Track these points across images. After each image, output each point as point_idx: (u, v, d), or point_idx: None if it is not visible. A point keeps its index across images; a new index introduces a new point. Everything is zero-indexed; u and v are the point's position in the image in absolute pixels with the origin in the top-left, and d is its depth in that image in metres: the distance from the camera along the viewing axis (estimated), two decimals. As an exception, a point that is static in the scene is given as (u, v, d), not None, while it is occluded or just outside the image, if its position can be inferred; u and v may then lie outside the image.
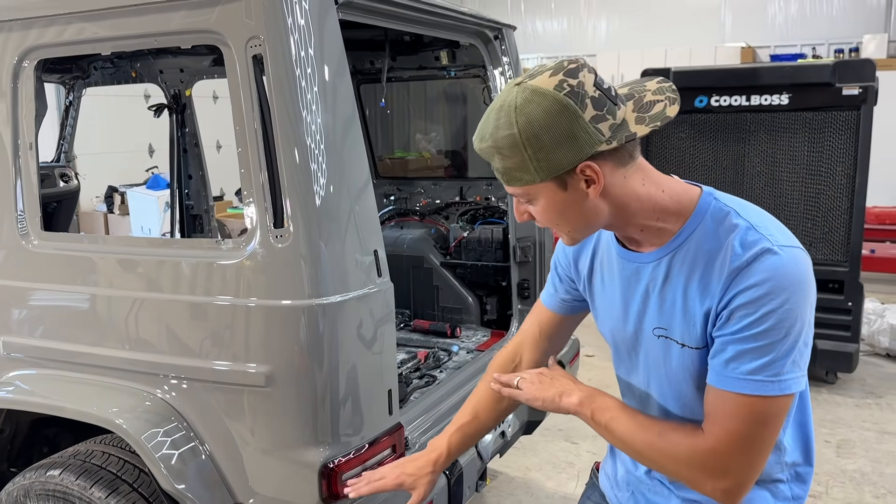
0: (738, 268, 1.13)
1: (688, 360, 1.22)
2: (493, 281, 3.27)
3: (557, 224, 1.23)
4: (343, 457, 1.86)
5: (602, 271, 1.38)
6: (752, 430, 1.14)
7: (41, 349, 2.14)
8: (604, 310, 1.39)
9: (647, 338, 1.29)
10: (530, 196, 1.19)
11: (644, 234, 1.24)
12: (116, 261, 2.03)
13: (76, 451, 2.13)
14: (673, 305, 1.22)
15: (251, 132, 1.81)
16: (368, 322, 1.92)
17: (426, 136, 4.50)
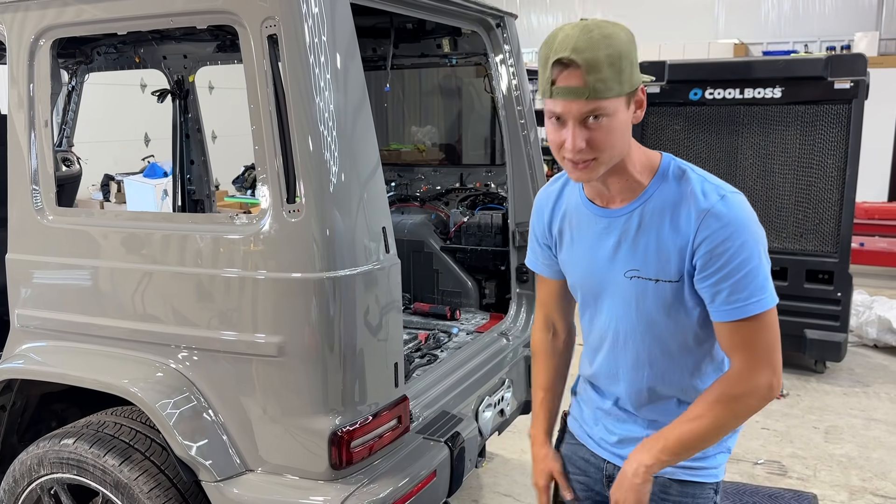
0: (703, 209, 1.35)
1: (661, 292, 1.42)
2: (492, 265, 3.33)
3: (611, 147, 1.34)
4: (351, 425, 1.92)
5: (571, 230, 1.55)
6: (769, 338, 1.38)
7: (55, 321, 2.19)
8: (572, 264, 1.57)
9: (615, 282, 1.48)
10: (606, 112, 1.30)
11: (622, 185, 1.43)
12: (130, 235, 2.08)
13: (89, 421, 2.18)
14: (646, 249, 1.42)
15: (266, 112, 1.87)
16: (376, 297, 1.98)
17: (421, 128, 4.55)
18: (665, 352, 1.49)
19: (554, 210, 1.60)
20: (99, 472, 2.05)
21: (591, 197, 1.50)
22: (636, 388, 1.54)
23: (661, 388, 1.52)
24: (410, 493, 2.00)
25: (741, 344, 1.39)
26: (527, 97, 3.11)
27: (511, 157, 3.06)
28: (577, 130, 1.31)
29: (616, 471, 1.56)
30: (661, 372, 1.50)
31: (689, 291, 1.41)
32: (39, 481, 2.17)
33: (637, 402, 1.55)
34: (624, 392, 1.56)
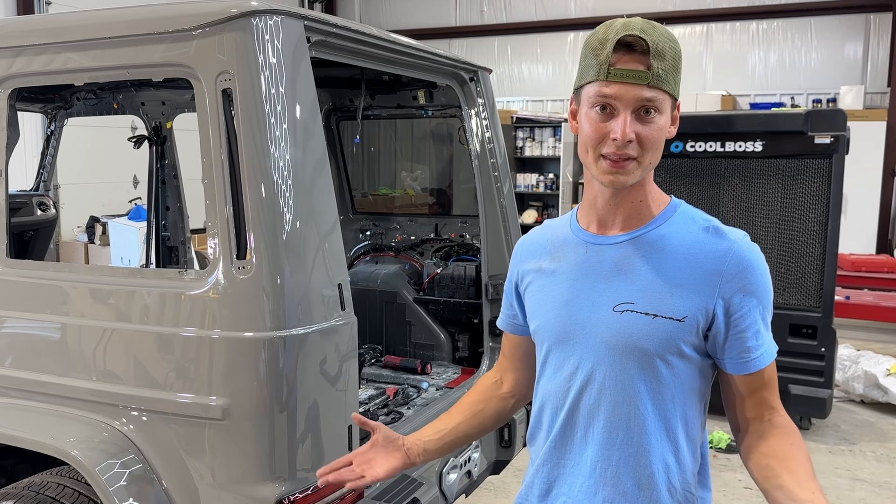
0: (734, 244, 1.26)
1: (658, 330, 1.25)
2: (465, 318, 3.27)
3: (655, 150, 1.24)
4: (300, 493, 1.84)
5: (554, 264, 1.38)
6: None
7: (2, 377, 2.11)
8: (548, 301, 1.38)
9: (598, 319, 1.29)
10: (661, 106, 1.22)
11: (632, 209, 1.30)
12: (81, 290, 2.02)
13: (31, 482, 2.09)
14: (647, 281, 1.27)
15: (217, 164, 1.83)
16: (331, 356, 1.91)
17: (411, 174, 4.54)
18: (647, 410, 1.27)
19: (532, 252, 1.45)
20: (36, 538, 1.95)
21: (585, 225, 1.36)
22: (602, 459, 1.30)
23: (632, 459, 1.29)
24: (362, 565, 1.91)
25: (768, 390, 1.29)
26: (500, 149, 3.09)
27: (484, 209, 3.03)
28: (630, 120, 1.20)
29: None
30: (638, 437, 1.28)
31: (693, 335, 1.25)
32: (-25, 546, 2.07)
33: (597, 481, 1.31)
34: (586, 467, 1.32)
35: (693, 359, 1.27)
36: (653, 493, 1.29)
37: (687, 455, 1.30)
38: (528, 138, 10.09)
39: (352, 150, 3.94)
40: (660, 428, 1.28)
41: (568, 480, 1.36)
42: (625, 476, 1.29)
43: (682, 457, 1.30)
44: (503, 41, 11.77)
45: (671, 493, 1.30)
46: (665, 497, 1.29)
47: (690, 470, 1.31)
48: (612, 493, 1.30)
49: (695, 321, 1.24)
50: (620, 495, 1.30)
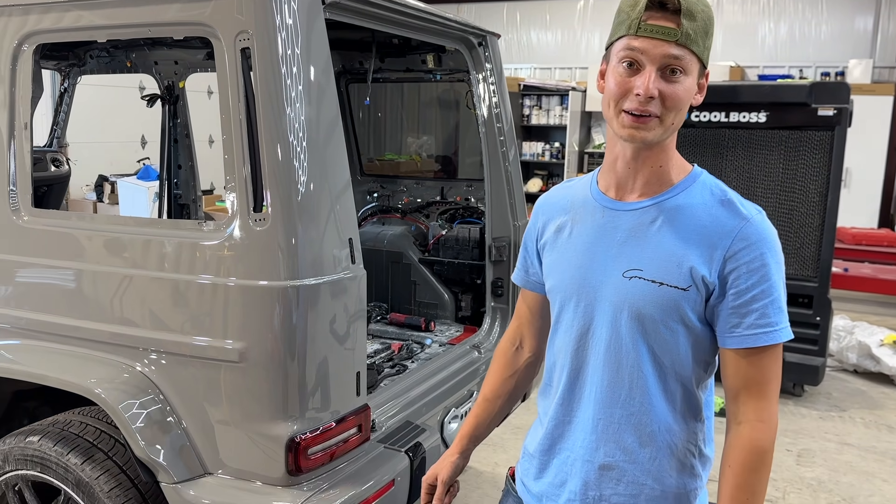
0: (743, 220, 1.27)
1: (662, 298, 1.28)
2: (468, 278, 3.37)
3: (679, 111, 1.26)
4: (310, 432, 1.95)
5: (571, 226, 1.42)
6: (779, 372, 1.30)
7: (28, 321, 2.22)
8: (563, 262, 1.42)
9: (610, 283, 1.33)
10: (687, 67, 1.24)
11: (652, 174, 1.33)
12: (103, 238, 2.12)
13: (55, 420, 2.21)
14: (657, 249, 1.30)
15: (236, 122, 1.91)
16: (340, 307, 2.02)
17: (417, 139, 4.60)
18: (649, 372, 1.32)
19: (553, 211, 1.49)
20: (61, 471, 2.08)
21: (604, 189, 1.39)
22: (604, 417, 1.36)
23: (633, 418, 1.34)
24: (367, 500, 2.03)
25: (757, 379, 1.27)
26: (507, 114, 3.16)
27: (489, 173, 3.11)
28: (654, 77, 1.23)
29: None
30: (640, 397, 1.33)
31: (696, 305, 1.28)
32: (4, 477, 2.20)
33: (599, 437, 1.37)
34: (588, 423, 1.38)
35: (695, 327, 1.31)
36: (653, 450, 1.34)
37: (687, 416, 1.36)
38: (535, 106, 10.09)
39: (360, 115, 4.01)
40: (661, 389, 1.33)
41: (571, 436, 1.41)
42: (626, 433, 1.35)
43: (682, 417, 1.35)
44: (512, 7, 11.70)
45: (672, 451, 1.35)
46: (666, 454, 1.35)
47: (691, 429, 1.36)
48: (614, 449, 1.36)
49: (698, 291, 1.27)
50: (621, 451, 1.35)
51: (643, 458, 1.35)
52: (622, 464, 1.36)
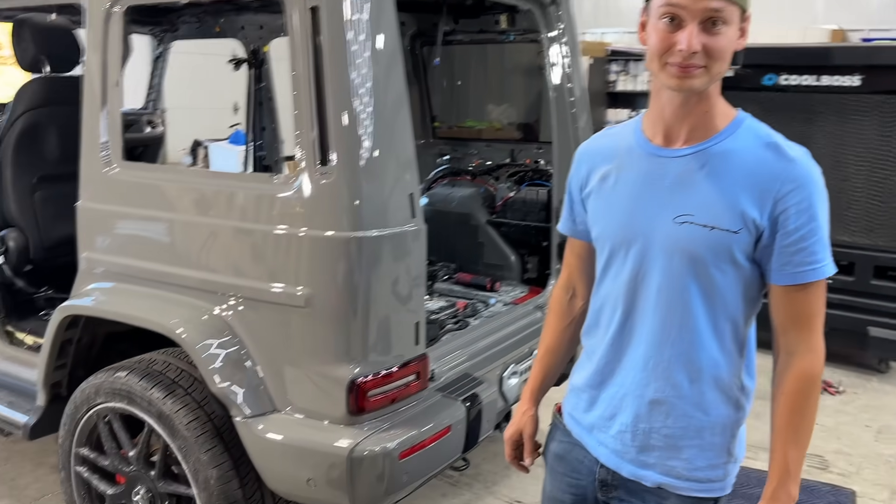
0: (791, 162, 1.31)
1: (714, 241, 1.33)
2: (534, 240, 3.40)
3: (722, 60, 1.29)
4: (370, 376, 2.06)
5: (617, 173, 1.46)
6: (824, 306, 1.36)
7: (116, 265, 2.42)
8: (610, 210, 1.46)
9: (660, 229, 1.37)
10: (728, 18, 1.27)
11: (699, 121, 1.36)
12: (185, 189, 2.27)
13: (141, 358, 2.41)
14: (707, 194, 1.34)
15: (305, 81, 2.00)
16: (401, 259, 2.10)
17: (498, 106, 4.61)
18: (700, 312, 1.37)
19: (596, 159, 1.51)
20: (145, 404, 2.27)
21: (650, 136, 1.42)
22: (654, 355, 1.41)
23: (683, 356, 1.39)
24: (423, 443, 2.13)
25: (806, 313, 1.35)
26: (578, 75, 3.14)
27: (557, 136, 3.11)
28: (697, 31, 1.26)
29: (610, 475, 1.49)
30: (689, 336, 1.38)
31: (746, 246, 1.33)
32: (96, 408, 2.42)
33: (649, 374, 1.42)
34: (639, 361, 1.43)
35: (745, 267, 1.35)
36: (701, 385, 1.40)
37: (734, 352, 1.41)
38: (622, 72, 9.83)
39: (443, 84, 4.06)
40: (710, 328, 1.38)
41: (622, 373, 1.47)
42: (675, 371, 1.40)
43: (729, 353, 1.40)
44: (600, -30, 11.40)
45: (718, 385, 1.41)
46: (713, 388, 1.40)
47: (737, 364, 1.42)
48: (664, 385, 1.41)
49: (748, 233, 1.32)
50: (671, 387, 1.41)
51: (691, 392, 1.41)
52: (671, 399, 1.42)
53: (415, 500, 3.23)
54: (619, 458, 1.48)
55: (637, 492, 1.47)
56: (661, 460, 1.44)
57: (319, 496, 2.08)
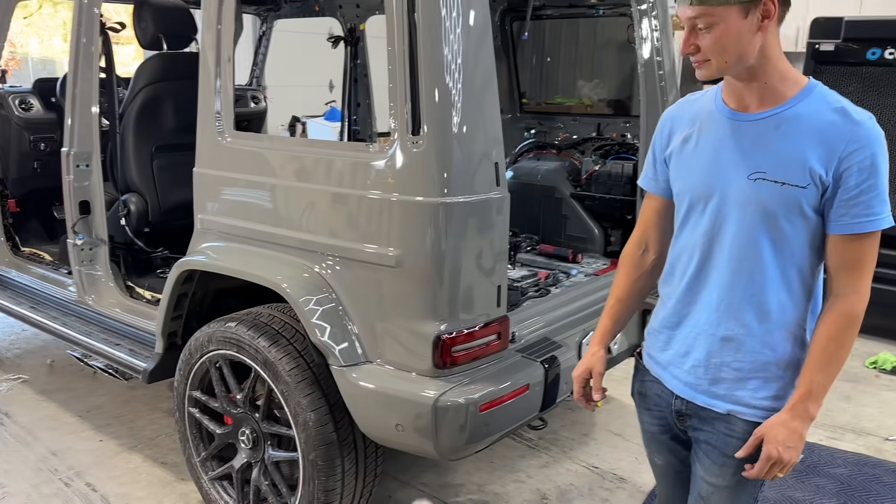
0: (855, 124, 1.44)
1: (785, 196, 1.49)
2: (618, 214, 3.45)
3: (723, 52, 1.47)
4: (454, 333, 2.20)
5: (698, 135, 1.63)
6: (875, 257, 1.52)
7: (228, 226, 2.65)
8: (690, 167, 1.63)
9: (735, 184, 1.54)
10: (712, 20, 1.44)
11: (761, 91, 1.52)
12: (289, 157, 2.47)
13: (249, 311, 2.64)
14: (779, 153, 1.49)
15: (399, 55, 2.14)
16: (485, 223, 2.23)
17: (588, 82, 4.65)
18: (769, 260, 1.53)
19: (679, 122, 1.69)
20: (252, 351, 2.50)
21: (728, 102, 1.58)
22: (726, 298, 1.58)
23: (753, 299, 1.56)
24: (502, 398, 2.26)
25: (857, 260, 1.49)
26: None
27: (646, 110, 3.15)
28: (687, 34, 1.49)
29: (684, 405, 1.68)
30: (759, 282, 1.54)
31: (813, 200, 1.47)
32: (208, 355, 2.67)
33: (721, 315, 1.59)
34: (712, 303, 1.60)
35: (812, 219, 1.50)
36: (769, 325, 1.57)
37: (801, 297, 1.57)
38: None
39: (531, 59, 4.13)
40: (778, 275, 1.55)
41: (696, 315, 1.65)
42: (745, 312, 1.58)
43: (796, 298, 1.57)
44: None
45: (785, 326, 1.57)
46: (780, 328, 1.57)
47: (803, 308, 1.58)
48: (734, 325, 1.59)
49: (815, 188, 1.47)
50: (741, 326, 1.59)
51: (760, 331, 1.58)
52: (741, 336, 1.59)
53: (494, 459, 3.39)
54: (692, 390, 1.67)
55: (708, 419, 1.65)
56: (730, 391, 1.62)
57: (406, 441, 2.26)
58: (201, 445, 2.85)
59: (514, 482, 3.23)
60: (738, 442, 1.60)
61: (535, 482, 3.24)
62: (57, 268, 3.78)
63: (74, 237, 3.30)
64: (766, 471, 1.54)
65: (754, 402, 1.60)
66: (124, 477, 3.19)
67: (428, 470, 3.29)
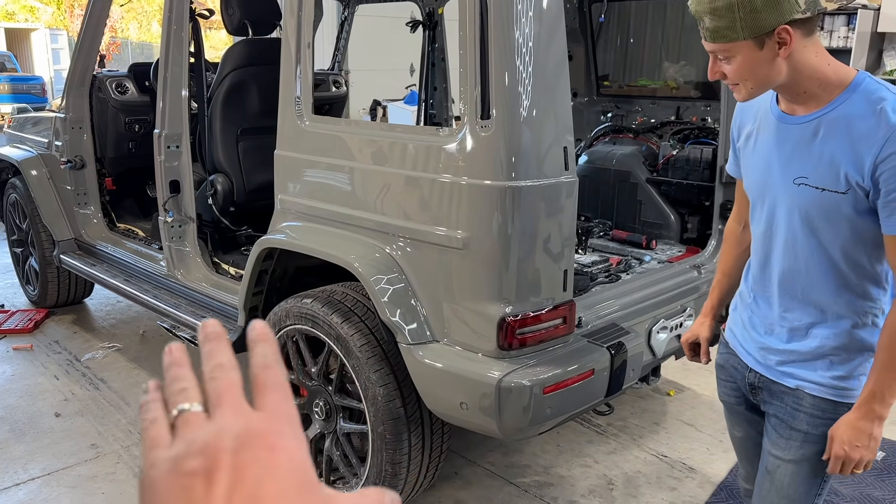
0: (893, 126, 1.41)
1: (826, 202, 1.50)
2: (696, 200, 3.38)
3: (745, 80, 1.48)
4: (519, 315, 2.23)
5: (758, 134, 1.65)
6: None
7: (306, 206, 2.76)
8: (749, 167, 1.68)
9: (784, 188, 1.57)
10: (729, 54, 1.46)
11: (803, 98, 1.51)
12: (364, 140, 2.55)
13: (323, 288, 2.75)
14: (819, 158, 1.50)
15: (471, 39, 2.17)
16: (553, 208, 2.24)
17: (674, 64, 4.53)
18: (821, 260, 1.56)
19: (746, 116, 1.71)
20: (326, 327, 2.60)
21: (780, 102, 1.59)
22: (789, 291, 1.64)
23: (812, 293, 1.60)
24: (566, 382, 2.28)
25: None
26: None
27: (726, 93, 3.06)
28: (712, 63, 1.53)
29: (757, 378, 1.75)
30: (816, 278, 1.58)
31: (858, 202, 1.47)
32: (285, 329, 2.80)
33: (787, 304, 1.65)
34: (778, 294, 1.66)
35: (857, 220, 1.50)
36: (832, 314, 1.61)
37: (864, 287, 1.57)
38: (815, 27, 9.08)
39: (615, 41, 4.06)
40: (834, 273, 1.57)
41: (766, 300, 1.72)
42: (807, 305, 1.63)
43: (858, 288, 1.57)
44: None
45: (850, 314, 1.59)
46: (844, 317, 1.60)
47: (869, 296, 1.58)
48: (799, 315, 1.64)
49: (855, 193, 1.47)
50: (805, 316, 1.64)
51: (823, 322, 1.62)
52: (805, 327, 1.64)
53: (561, 442, 3.41)
54: (763, 366, 1.74)
55: (777, 393, 1.71)
56: (799, 370, 1.66)
57: (471, 419, 2.31)
58: (278, 415, 2.98)
59: (580, 466, 3.24)
60: (805, 416, 1.65)
61: (601, 467, 3.24)
62: (149, 243, 4.02)
63: (165, 215, 3.50)
64: (839, 468, 1.56)
65: (823, 380, 1.63)
66: (208, 442, 3.38)
67: (494, 449, 3.34)
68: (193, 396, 0.45)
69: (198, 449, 0.41)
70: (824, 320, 1.62)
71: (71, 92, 4.27)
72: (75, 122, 4.28)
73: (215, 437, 0.41)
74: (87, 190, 4.38)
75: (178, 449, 0.42)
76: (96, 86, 4.29)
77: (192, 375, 0.47)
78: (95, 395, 3.83)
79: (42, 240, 4.65)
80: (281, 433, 0.43)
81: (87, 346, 4.45)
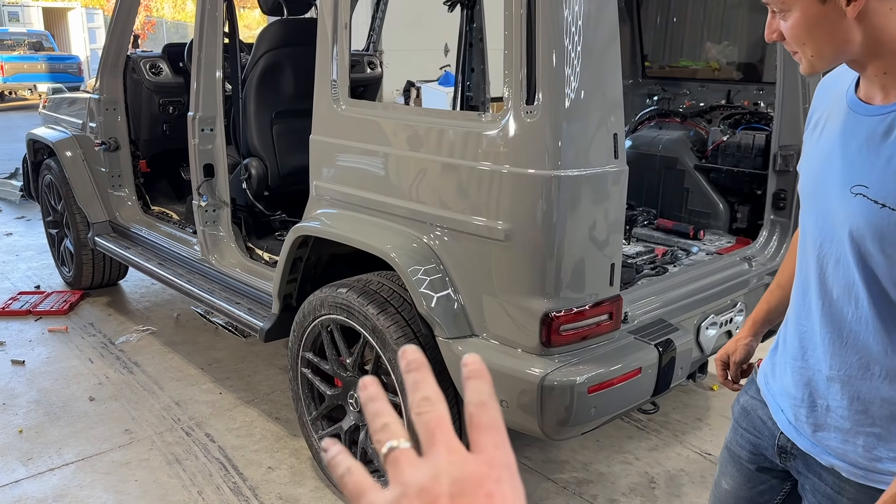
0: None
1: (883, 222, 1.12)
2: (747, 188, 3.22)
3: (804, 44, 1.15)
4: (563, 311, 2.13)
5: (825, 122, 1.30)
6: None
7: (342, 193, 2.67)
8: (808, 161, 1.34)
9: (840, 194, 1.20)
10: (783, 7, 1.15)
11: (882, 80, 1.15)
12: (401, 125, 2.45)
13: (359, 278, 2.67)
14: (886, 165, 1.13)
15: (517, 20, 2.05)
16: (600, 198, 2.12)
17: (717, 45, 4.34)
18: (870, 299, 1.20)
19: (819, 99, 1.37)
20: (362, 318, 2.52)
21: (858, 86, 1.23)
22: (829, 333, 1.28)
23: (851, 337, 1.24)
24: (611, 381, 2.18)
25: None
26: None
27: (783, 75, 2.90)
28: (770, 20, 1.19)
29: (789, 444, 1.40)
30: (865, 317, 1.22)
31: None
32: (320, 319, 2.73)
33: (825, 350, 1.29)
34: (817, 333, 1.30)
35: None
36: (874, 370, 1.24)
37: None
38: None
39: (655, 20, 3.89)
40: (883, 317, 1.20)
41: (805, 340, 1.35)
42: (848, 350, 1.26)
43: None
44: None
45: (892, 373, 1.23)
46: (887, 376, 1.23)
47: None
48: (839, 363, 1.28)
49: None
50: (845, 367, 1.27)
51: (865, 376, 1.25)
52: (845, 378, 1.28)
53: (601, 438, 3.31)
54: (795, 431, 1.39)
55: (814, 468, 1.37)
56: (836, 442, 1.31)
57: (511, 418, 2.22)
58: (312, 405, 2.94)
59: (620, 463, 3.14)
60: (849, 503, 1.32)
61: (642, 465, 3.13)
62: (183, 227, 3.98)
63: (199, 199, 3.44)
64: None
65: (865, 462, 1.28)
66: (241, 430, 3.35)
67: (532, 445, 3.25)
68: (399, 433, 0.45)
69: (414, 492, 0.41)
70: (865, 377, 1.26)
71: (105, 73, 4.23)
72: (109, 104, 4.25)
73: (432, 481, 0.41)
74: (121, 172, 4.36)
75: (394, 493, 0.42)
76: (130, 67, 4.26)
77: (391, 410, 0.47)
78: (129, 378, 3.83)
79: (76, 221, 4.66)
80: (499, 480, 0.43)
81: (122, 329, 4.46)
